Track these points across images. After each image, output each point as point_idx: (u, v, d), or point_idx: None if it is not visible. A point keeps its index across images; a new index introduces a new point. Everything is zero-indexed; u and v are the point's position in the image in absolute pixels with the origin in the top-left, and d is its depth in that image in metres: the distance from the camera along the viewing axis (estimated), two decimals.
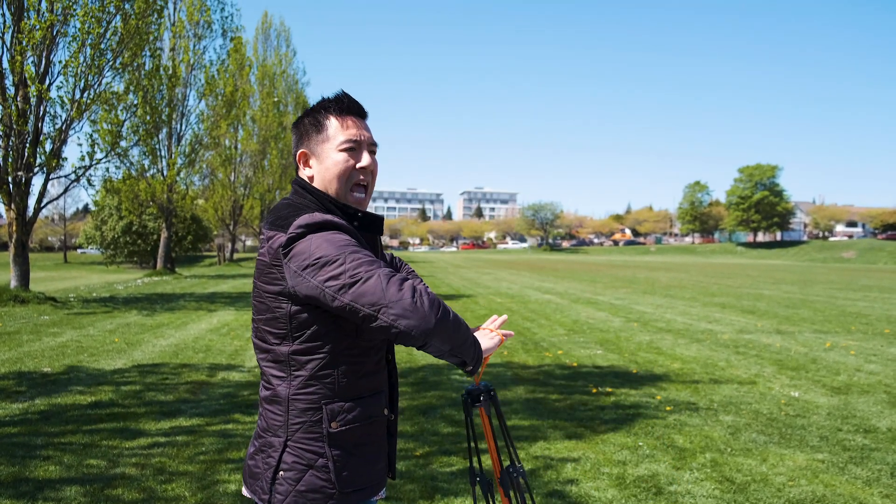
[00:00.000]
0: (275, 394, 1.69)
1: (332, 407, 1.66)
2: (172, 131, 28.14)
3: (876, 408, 6.34)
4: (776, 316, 14.16)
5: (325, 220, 1.62)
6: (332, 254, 1.55)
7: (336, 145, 1.76)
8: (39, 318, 12.81)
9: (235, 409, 6.06)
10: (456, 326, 1.60)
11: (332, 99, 1.80)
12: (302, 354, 1.65)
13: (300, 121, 1.82)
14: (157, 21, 18.09)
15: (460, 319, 1.63)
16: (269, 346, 1.69)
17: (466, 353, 1.65)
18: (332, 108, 1.78)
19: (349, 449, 1.69)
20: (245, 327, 11.66)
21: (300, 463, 1.66)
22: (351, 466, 1.69)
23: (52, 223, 71.90)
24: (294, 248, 1.60)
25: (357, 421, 1.69)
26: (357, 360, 1.69)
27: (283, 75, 45.54)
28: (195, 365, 8.19)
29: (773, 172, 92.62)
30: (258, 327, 1.72)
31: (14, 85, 14.80)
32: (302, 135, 1.80)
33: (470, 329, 1.69)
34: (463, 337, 1.63)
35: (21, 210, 15.64)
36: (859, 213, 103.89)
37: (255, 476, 1.72)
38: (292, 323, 1.63)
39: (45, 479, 4.28)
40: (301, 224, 1.61)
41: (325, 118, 1.78)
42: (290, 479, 1.65)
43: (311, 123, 1.79)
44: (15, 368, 7.88)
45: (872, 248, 77.47)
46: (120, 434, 5.29)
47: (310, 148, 1.79)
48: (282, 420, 1.67)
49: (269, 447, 1.70)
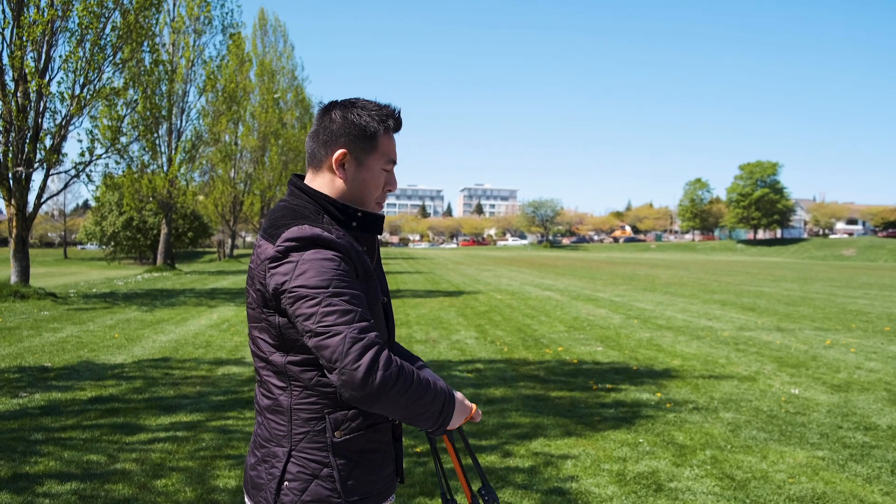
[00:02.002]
0: (277, 403, 1.65)
1: (335, 416, 1.63)
2: (173, 127, 28.13)
3: (876, 405, 6.34)
4: (776, 313, 14.16)
5: (315, 236, 1.56)
6: (311, 287, 1.50)
7: (382, 162, 1.73)
8: (39, 313, 12.81)
9: (235, 405, 6.06)
10: (410, 402, 1.52)
11: (390, 112, 1.73)
12: (297, 366, 1.61)
13: (346, 115, 1.71)
14: (156, 16, 18.05)
15: (421, 391, 1.55)
16: (265, 354, 1.66)
17: (422, 423, 1.60)
18: (387, 121, 1.72)
19: (354, 457, 1.66)
20: (245, 323, 11.65)
21: (305, 473, 1.63)
22: (356, 475, 1.66)
23: (53, 219, 71.96)
24: (279, 266, 1.55)
25: (361, 429, 1.66)
26: None
27: (282, 71, 45.51)
28: (195, 360, 8.19)
29: (774, 170, 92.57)
30: (253, 335, 1.68)
31: (14, 80, 14.78)
32: (348, 134, 1.69)
33: (439, 396, 1.61)
34: (419, 410, 1.56)
35: (21, 206, 15.62)
36: (860, 211, 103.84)
37: (259, 487, 1.69)
38: (283, 335, 1.60)
39: (44, 474, 4.28)
40: (288, 238, 1.56)
41: (378, 128, 1.71)
42: (295, 489, 1.63)
43: (362, 127, 1.69)
44: (15, 364, 7.88)
45: (873, 245, 77.45)
46: (120, 429, 5.28)
47: (354, 152, 1.70)
48: (285, 430, 1.65)
49: (272, 457, 1.66)
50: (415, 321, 12.08)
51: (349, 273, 1.57)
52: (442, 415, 1.62)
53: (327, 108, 1.74)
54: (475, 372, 7.68)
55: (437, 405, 1.60)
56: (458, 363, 8.20)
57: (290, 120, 47.07)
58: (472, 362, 8.27)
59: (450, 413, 1.65)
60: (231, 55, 29.29)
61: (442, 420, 1.63)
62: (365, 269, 1.66)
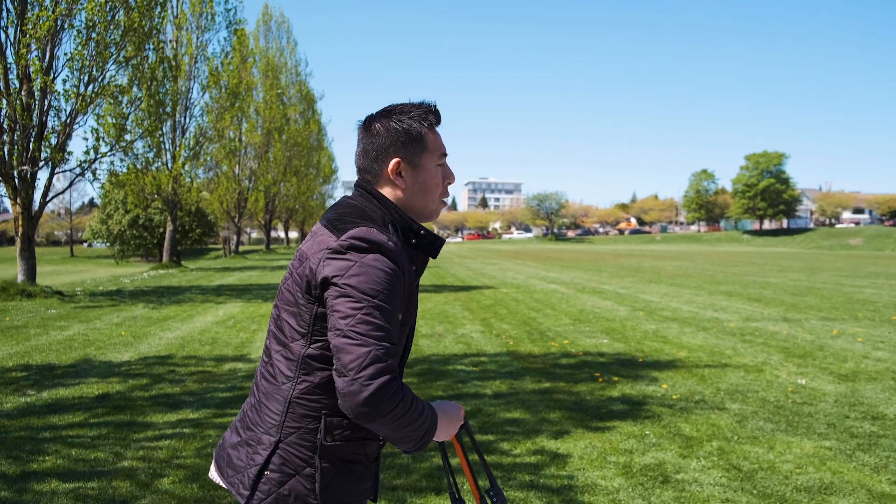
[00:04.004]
0: (278, 391, 1.65)
1: (331, 420, 1.62)
2: (177, 124, 28.16)
3: (884, 395, 6.32)
4: (783, 303, 14.11)
5: (380, 242, 1.57)
6: (360, 291, 1.51)
7: (435, 159, 1.74)
8: (46, 311, 12.86)
9: (241, 402, 6.06)
10: (399, 427, 1.53)
11: (427, 109, 1.74)
12: (315, 360, 1.61)
13: (389, 125, 1.72)
14: (161, 14, 18.04)
15: (413, 418, 1.55)
16: (286, 339, 1.65)
17: (403, 445, 1.60)
18: (427, 119, 1.73)
19: (338, 463, 1.65)
20: (251, 319, 11.68)
21: (287, 467, 1.63)
22: (336, 481, 1.66)
23: (59, 217, 72.22)
24: (337, 260, 1.56)
25: (351, 439, 1.66)
26: None
27: (285, 67, 45.50)
28: (202, 357, 8.21)
29: (780, 160, 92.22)
30: (280, 315, 1.67)
31: (18, 79, 14.80)
32: (396, 142, 1.70)
33: (426, 422, 1.60)
34: (405, 435, 1.57)
35: (27, 204, 15.67)
36: (866, 200, 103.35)
37: (236, 468, 1.68)
38: (314, 325, 1.60)
39: (51, 471, 4.30)
40: (354, 237, 1.56)
41: (421, 128, 1.71)
42: (274, 480, 1.62)
43: (407, 132, 1.70)
44: (22, 362, 7.91)
45: (879, 234, 77.13)
46: (126, 427, 5.30)
47: (407, 158, 1.71)
48: (277, 420, 1.64)
49: (257, 443, 1.66)
50: (420, 315, 12.08)
51: (398, 291, 1.57)
52: (423, 439, 1.62)
53: (367, 122, 1.75)
54: (480, 366, 7.68)
55: (422, 430, 1.59)
56: (463, 357, 8.20)
57: (294, 116, 47.11)
58: (477, 356, 8.27)
59: (431, 435, 1.64)
60: (234, 51, 29.28)
61: (422, 443, 1.63)
62: (410, 290, 1.67)
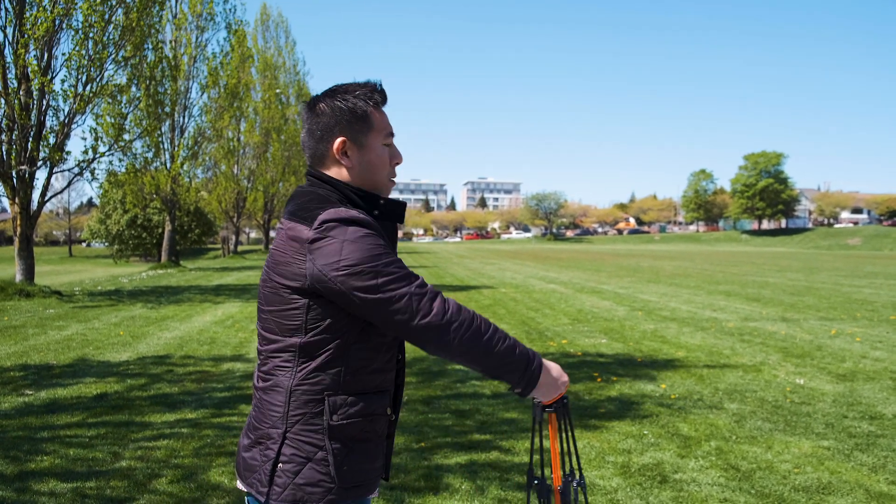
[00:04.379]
0: (276, 383, 1.65)
1: (334, 399, 1.62)
2: (175, 124, 28.14)
3: (882, 394, 6.32)
4: (781, 303, 14.12)
5: (351, 217, 1.58)
6: (364, 262, 1.54)
7: (381, 138, 1.74)
8: (45, 311, 12.85)
9: (240, 401, 6.06)
10: (484, 341, 1.60)
11: (372, 88, 1.73)
12: (313, 347, 1.61)
13: (333, 104, 1.71)
14: (159, 13, 18.03)
15: (492, 330, 1.63)
16: (279, 337, 1.65)
17: (508, 376, 1.66)
18: (373, 98, 1.72)
19: (349, 444, 1.65)
20: (249, 319, 11.67)
21: (299, 455, 1.62)
22: (350, 462, 1.65)
23: (57, 217, 72.15)
24: (321, 247, 1.55)
25: (358, 416, 1.65)
26: (368, 356, 1.66)
27: (283, 66, 45.46)
28: (200, 357, 8.20)
29: (778, 160, 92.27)
30: (268, 318, 1.67)
31: (17, 78, 14.78)
32: (340, 121, 1.69)
33: (517, 347, 1.67)
34: (498, 355, 1.63)
35: (25, 204, 15.66)
36: (865, 200, 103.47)
37: (252, 469, 1.68)
38: (308, 315, 1.60)
39: (48, 471, 4.29)
40: (326, 220, 1.57)
41: (366, 106, 1.71)
42: (288, 471, 1.62)
43: (352, 111, 1.70)
44: (20, 362, 7.90)
45: (878, 234, 77.20)
46: (124, 427, 5.29)
47: (352, 137, 1.70)
48: (281, 411, 1.64)
49: (266, 439, 1.66)
50: None
51: (387, 247, 1.63)
52: (527, 373, 1.67)
53: (312, 102, 1.75)
54: None
55: (520, 358, 1.66)
56: None
57: (293, 115, 47.07)
58: None
59: (536, 374, 1.69)
60: (234, 51, 29.26)
61: (528, 378, 1.67)
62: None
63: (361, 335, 1.64)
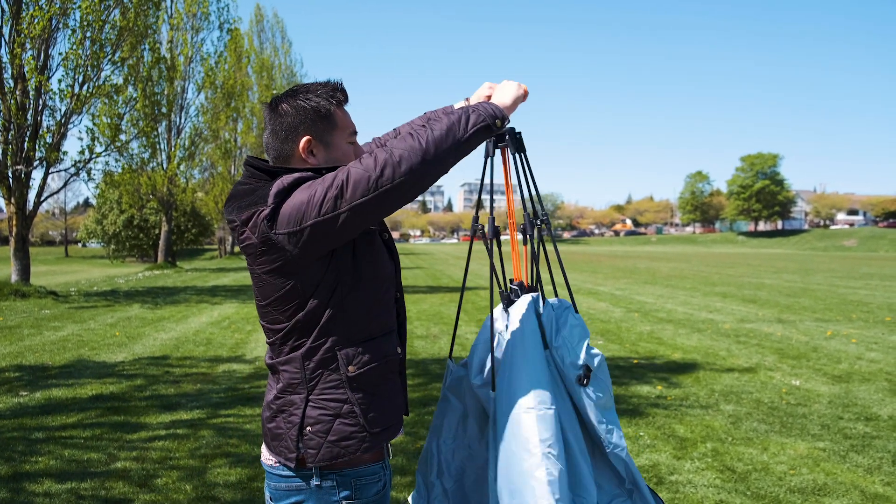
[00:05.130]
0: (290, 359, 1.68)
1: (346, 351, 1.66)
2: (172, 124, 28.10)
3: (877, 396, 6.34)
4: (777, 305, 14.15)
5: (296, 178, 1.61)
6: (308, 192, 1.56)
7: (346, 136, 1.75)
8: (40, 312, 12.81)
9: (236, 402, 6.05)
10: (442, 134, 1.63)
11: (334, 87, 1.74)
12: (315, 313, 1.64)
13: (296, 103, 1.72)
14: (156, 14, 18.02)
15: (439, 123, 1.65)
16: (284, 323, 1.67)
17: (472, 126, 1.67)
18: (335, 96, 1.73)
19: (370, 390, 1.70)
20: (246, 320, 11.66)
21: (326, 414, 1.66)
22: (375, 407, 1.70)
23: (53, 217, 71.98)
24: (278, 215, 1.57)
25: (373, 362, 1.70)
26: (366, 301, 1.70)
27: (280, 67, 45.43)
28: (196, 358, 8.19)
29: (775, 161, 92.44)
30: (268, 310, 1.69)
31: (13, 78, 14.76)
32: (305, 121, 1.70)
33: (452, 114, 1.69)
34: (453, 126, 1.65)
35: (21, 204, 15.62)
36: (860, 201, 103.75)
37: (279, 437, 1.71)
38: (303, 290, 1.63)
39: (44, 472, 4.28)
40: (278, 191, 1.58)
41: (329, 105, 1.72)
42: (319, 432, 1.66)
43: (315, 110, 1.70)
44: (16, 362, 7.88)
45: (874, 235, 77.41)
46: (120, 428, 5.28)
47: (317, 136, 1.71)
48: (299, 376, 1.67)
49: (290, 405, 1.69)
50: (415, 317, 12.08)
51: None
52: (478, 108, 1.70)
53: (274, 103, 1.76)
54: None
55: (461, 114, 1.67)
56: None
57: None
58: None
59: (486, 104, 1.72)
60: (229, 51, 29.21)
61: (483, 108, 1.71)
62: (371, 237, 1.74)
63: (353, 283, 1.67)
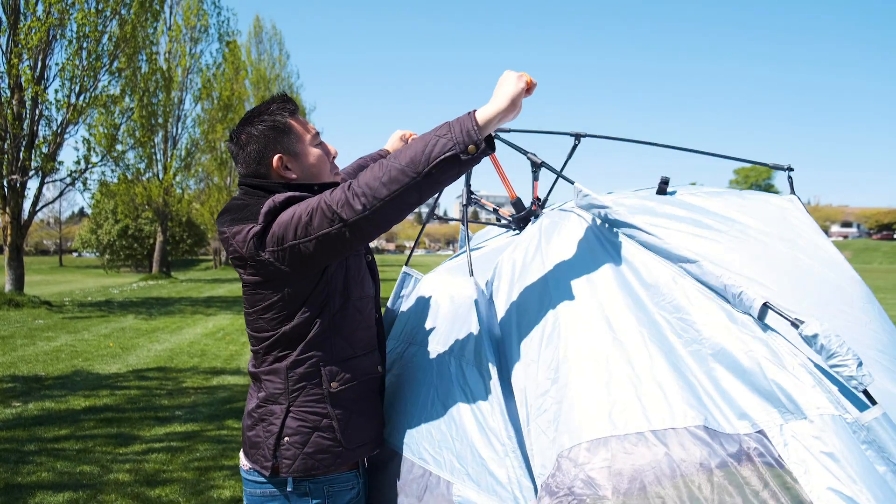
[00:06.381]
0: (274, 369, 1.71)
1: (330, 368, 1.69)
2: (168, 135, 28.11)
3: None
4: None
5: (286, 197, 1.63)
6: (291, 213, 1.58)
7: (309, 141, 1.78)
8: (34, 322, 12.76)
9: (230, 415, 6.03)
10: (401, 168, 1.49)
11: (282, 101, 1.79)
12: (302, 327, 1.67)
13: (251, 131, 1.75)
14: (154, 25, 18.07)
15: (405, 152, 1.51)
16: (270, 332, 1.70)
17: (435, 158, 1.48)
18: (286, 109, 1.77)
19: (350, 406, 1.73)
20: (241, 331, 11.63)
21: (305, 426, 1.69)
22: (353, 423, 1.73)
23: (48, 227, 71.77)
24: (267, 234, 1.60)
25: (355, 379, 1.73)
26: (354, 321, 1.74)
27: (277, 79, 45.54)
28: (190, 370, 8.16)
29: (769, 174, 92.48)
30: (254, 318, 1.73)
31: (10, 88, 14.76)
32: (268, 142, 1.74)
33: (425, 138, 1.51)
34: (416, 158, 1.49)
35: (16, 213, 15.58)
36: (854, 214, 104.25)
37: (257, 445, 1.74)
38: (291, 302, 1.66)
39: (36, 484, 4.26)
40: (268, 210, 1.61)
41: (285, 119, 1.76)
42: (296, 443, 1.68)
43: (274, 128, 1.74)
44: (9, 373, 7.84)
45: (867, 248, 77.73)
46: (114, 439, 5.26)
47: (286, 151, 1.75)
48: (282, 388, 1.70)
49: (270, 415, 1.72)
50: None
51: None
52: (455, 124, 1.51)
53: (234, 136, 1.79)
54: None
55: (428, 140, 1.50)
56: None
57: None
58: None
59: (467, 117, 1.50)
60: (227, 63, 29.27)
61: (461, 124, 1.50)
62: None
63: (343, 301, 1.71)
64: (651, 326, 1.55)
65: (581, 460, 1.42)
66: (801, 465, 1.32)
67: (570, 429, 1.48)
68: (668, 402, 1.44)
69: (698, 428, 1.39)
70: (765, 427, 1.38)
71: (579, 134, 2.05)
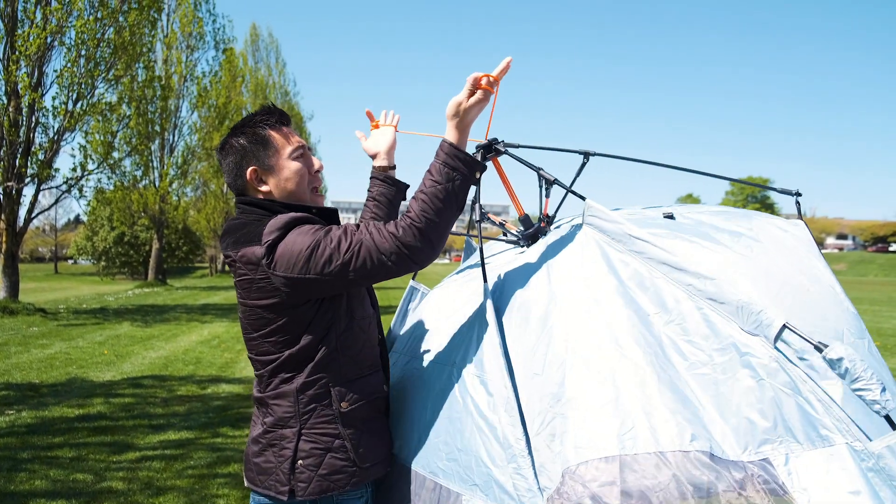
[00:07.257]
0: (281, 393, 1.71)
1: (339, 388, 1.70)
2: (165, 142, 28.11)
3: None
4: None
5: (291, 218, 1.64)
6: (311, 242, 1.58)
7: (288, 154, 1.77)
8: (28, 329, 12.72)
9: (225, 423, 6.02)
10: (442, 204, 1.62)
11: (265, 113, 1.79)
12: (308, 349, 1.68)
13: (232, 142, 1.77)
14: (151, 33, 18.10)
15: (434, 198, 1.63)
16: (275, 355, 1.70)
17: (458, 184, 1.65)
18: (268, 121, 1.78)
19: (360, 426, 1.73)
20: (236, 339, 11.60)
21: (318, 448, 1.69)
22: (365, 442, 1.74)
23: (43, 234, 71.55)
24: (275, 255, 1.60)
25: (363, 398, 1.74)
26: (360, 341, 1.75)
27: (274, 87, 45.62)
28: (185, 378, 8.14)
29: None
30: (258, 342, 1.72)
31: (6, 95, 14.76)
32: (245, 154, 1.75)
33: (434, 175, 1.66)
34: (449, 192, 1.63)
35: (11, 220, 15.55)
36: (850, 226, 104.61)
37: (267, 472, 1.72)
38: (296, 325, 1.66)
39: (30, 492, 4.24)
40: (272, 230, 1.62)
41: (264, 132, 1.76)
42: (310, 465, 1.68)
43: (252, 141, 1.75)
44: (3, 380, 7.81)
45: (863, 260, 78.02)
46: (108, 448, 5.24)
47: (260, 164, 1.75)
48: (292, 411, 1.70)
49: (281, 440, 1.71)
50: None
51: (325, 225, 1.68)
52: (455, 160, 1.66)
53: (221, 145, 1.81)
54: None
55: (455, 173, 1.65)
56: None
57: None
58: None
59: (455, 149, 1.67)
60: (224, 70, 29.31)
61: (461, 158, 1.66)
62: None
63: (348, 322, 1.72)
64: (658, 347, 1.55)
65: (588, 477, 1.41)
66: (804, 494, 1.33)
67: (577, 445, 1.47)
68: (677, 424, 1.44)
69: (704, 453, 1.39)
70: (770, 455, 1.39)
71: (588, 152, 2.07)
